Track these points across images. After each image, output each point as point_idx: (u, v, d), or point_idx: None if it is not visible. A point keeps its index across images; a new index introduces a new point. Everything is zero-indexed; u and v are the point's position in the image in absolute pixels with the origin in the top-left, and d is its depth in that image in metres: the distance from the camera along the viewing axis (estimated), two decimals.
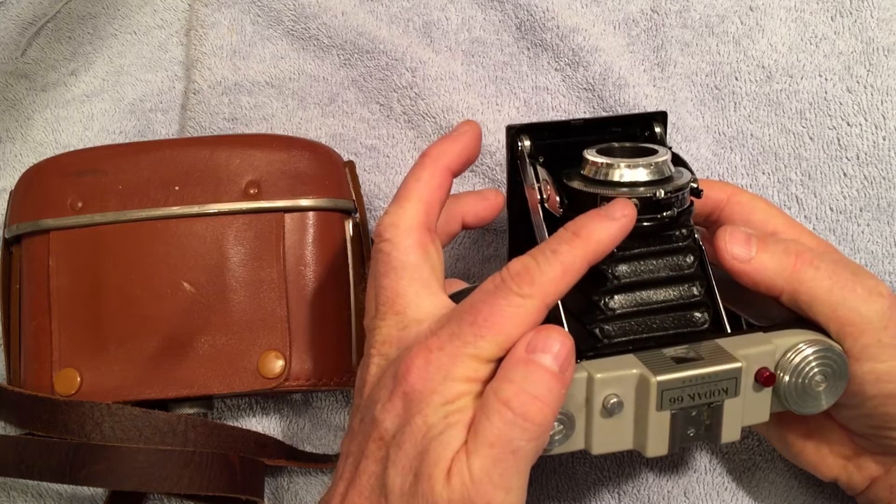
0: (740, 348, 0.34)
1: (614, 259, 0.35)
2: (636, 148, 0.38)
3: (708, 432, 0.34)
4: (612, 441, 0.34)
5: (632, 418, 0.34)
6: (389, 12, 0.55)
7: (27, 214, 0.47)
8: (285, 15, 0.55)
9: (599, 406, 0.33)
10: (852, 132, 0.49)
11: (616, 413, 0.33)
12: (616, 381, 0.33)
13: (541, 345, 0.31)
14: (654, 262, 0.36)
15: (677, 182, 0.36)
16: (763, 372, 0.34)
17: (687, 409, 0.33)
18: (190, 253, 0.46)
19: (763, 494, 0.45)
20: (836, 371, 0.35)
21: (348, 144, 0.53)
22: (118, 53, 0.58)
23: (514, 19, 0.54)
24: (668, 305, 0.36)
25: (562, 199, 0.37)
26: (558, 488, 0.46)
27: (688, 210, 0.37)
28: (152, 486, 0.42)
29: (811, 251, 0.36)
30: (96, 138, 0.55)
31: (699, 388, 0.33)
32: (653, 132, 0.41)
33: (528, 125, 0.39)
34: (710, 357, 0.34)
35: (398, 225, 0.35)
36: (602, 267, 0.35)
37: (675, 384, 0.33)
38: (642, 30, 0.53)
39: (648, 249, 0.36)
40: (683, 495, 0.45)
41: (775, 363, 0.35)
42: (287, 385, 0.45)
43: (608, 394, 0.33)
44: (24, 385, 0.45)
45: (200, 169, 0.47)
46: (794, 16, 0.52)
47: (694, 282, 0.37)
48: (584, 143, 0.39)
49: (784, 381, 0.35)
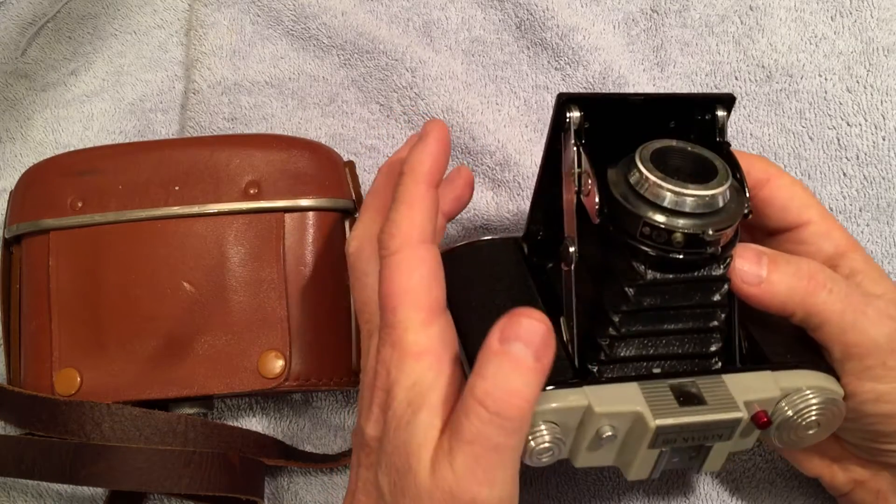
0: (745, 392, 0.33)
1: (637, 284, 0.33)
2: (696, 160, 0.34)
3: (691, 462, 0.34)
4: (595, 459, 0.34)
5: (620, 444, 0.33)
6: (389, 12, 0.55)
7: (27, 214, 0.47)
8: (285, 15, 0.55)
9: (592, 434, 0.32)
10: (852, 132, 0.49)
11: (609, 439, 0.32)
12: (615, 416, 0.32)
13: (512, 333, 0.29)
14: (682, 293, 0.33)
15: (729, 217, 0.32)
16: (761, 416, 0.33)
17: (678, 447, 0.33)
18: (190, 253, 0.46)
19: (763, 495, 0.45)
20: (832, 421, 0.34)
21: (348, 144, 0.53)
22: (118, 53, 0.58)
23: (514, 18, 0.54)
24: (683, 329, 0.34)
25: (602, 204, 0.33)
26: (558, 488, 0.46)
27: (732, 242, 0.34)
28: (152, 486, 0.42)
29: (824, 272, 0.35)
30: (96, 138, 0.55)
31: (695, 433, 0.32)
32: (714, 117, 0.36)
33: (582, 95, 0.34)
34: (713, 401, 0.32)
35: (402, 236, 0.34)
36: (624, 287, 0.33)
37: (673, 429, 0.32)
38: (642, 29, 0.53)
39: (678, 278, 0.33)
40: (683, 495, 0.45)
41: (775, 406, 0.34)
42: (287, 385, 0.45)
43: (604, 426, 0.32)
44: (24, 385, 0.45)
45: (200, 169, 0.47)
46: (794, 16, 0.52)
47: (716, 311, 0.34)
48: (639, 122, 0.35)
49: (778, 422, 0.34)
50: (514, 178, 0.51)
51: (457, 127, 0.52)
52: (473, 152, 0.51)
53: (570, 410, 0.32)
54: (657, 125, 0.35)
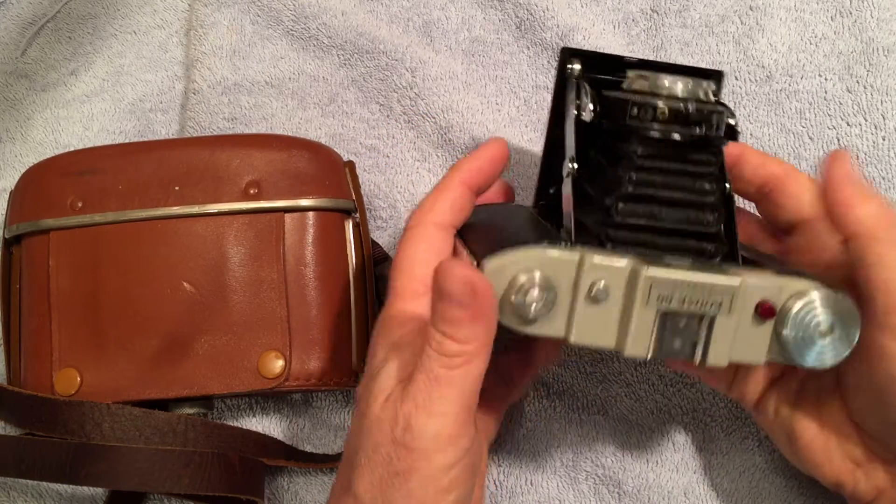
0: (745, 274, 0.33)
1: (633, 165, 0.35)
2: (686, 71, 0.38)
3: (694, 350, 0.33)
4: (592, 332, 0.33)
5: (618, 312, 0.33)
6: (389, 12, 0.55)
7: (27, 214, 0.47)
8: (285, 15, 0.55)
9: (586, 290, 0.32)
10: (852, 132, 0.49)
11: (602, 301, 0.32)
12: (607, 269, 0.32)
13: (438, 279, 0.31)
14: (673, 180, 0.35)
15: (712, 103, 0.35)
16: (764, 303, 0.33)
17: (675, 315, 0.32)
18: (190, 253, 0.46)
19: (763, 495, 0.45)
20: (844, 322, 0.34)
21: (348, 144, 0.53)
22: (118, 53, 0.58)
23: (514, 18, 0.54)
24: (678, 229, 0.35)
25: (595, 107, 0.37)
26: (558, 488, 0.46)
27: (719, 138, 0.36)
28: (152, 486, 0.42)
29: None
30: (96, 138, 0.55)
31: (691, 294, 0.32)
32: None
33: (582, 51, 0.39)
34: (709, 270, 0.33)
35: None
36: (619, 173, 0.35)
37: (667, 283, 0.32)
38: (642, 29, 0.53)
39: (670, 165, 0.35)
40: (683, 495, 0.45)
41: (781, 302, 0.33)
42: (287, 385, 0.45)
43: (596, 279, 0.32)
44: (24, 385, 0.45)
45: (200, 169, 0.47)
46: (794, 16, 0.52)
47: (712, 212, 0.36)
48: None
49: (786, 320, 0.33)
50: (513, 177, 0.51)
51: (457, 127, 0.52)
52: None
53: (561, 262, 0.32)
54: None
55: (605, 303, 0.32)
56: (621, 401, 0.47)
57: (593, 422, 0.47)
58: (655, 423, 0.47)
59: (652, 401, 0.47)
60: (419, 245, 0.36)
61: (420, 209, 0.37)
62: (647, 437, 0.46)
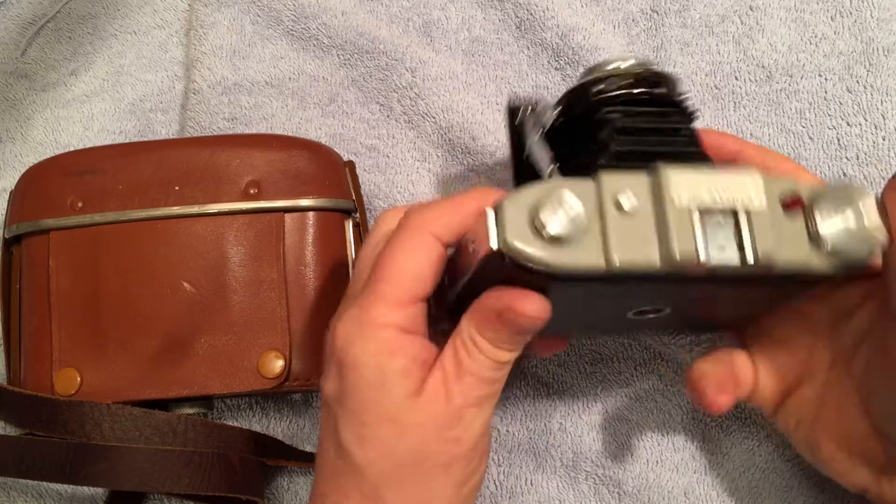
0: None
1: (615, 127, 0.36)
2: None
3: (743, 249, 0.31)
4: (633, 247, 0.30)
5: (653, 222, 0.31)
6: (389, 12, 0.55)
7: (27, 214, 0.47)
8: (285, 15, 0.55)
9: (612, 205, 0.30)
10: (852, 132, 0.49)
11: (633, 214, 0.30)
12: (627, 181, 0.31)
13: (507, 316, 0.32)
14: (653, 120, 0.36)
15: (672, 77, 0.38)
16: (789, 197, 0.32)
17: (710, 211, 0.31)
18: (190, 253, 0.46)
19: (763, 495, 0.45)
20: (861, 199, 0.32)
21: (348, 144, 0.53)
22: (118, 53, 0.58)
23: (514, 18, 0.54)
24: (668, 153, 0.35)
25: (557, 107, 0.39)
26: (558, 489, 0.46)
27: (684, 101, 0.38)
28: (152, 486, 0.42)
29: None
30: (96, 138, 0.55)
31: (718, 190, 0.31)
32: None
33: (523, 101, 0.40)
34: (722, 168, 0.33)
35: None
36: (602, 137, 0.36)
37: (690, 180, 0.31)
38: (642, 29, 0.53)
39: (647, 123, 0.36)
40: (683, 495, 0.45)
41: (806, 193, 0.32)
42: (287, 385, 0.45)
43: (620, 192, 0.30)
44: (24, 385, 0.45)
45: (200, 169, 0.47)
46: (794, 16, 0.52)
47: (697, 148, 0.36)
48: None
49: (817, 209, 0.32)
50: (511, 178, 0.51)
51: (457, 127, 0.52)
52: (473, 152, 0.51)
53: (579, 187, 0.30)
54: None
55: (637, 216, 0.31)
56: (621, 401, 0.47)
57: (593, 422, 0.47)
58: (655, 423, 0.47)
59: (652, 401, 0.47)
60: (415, 255, 0.33)
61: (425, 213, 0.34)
62: (647, 437, 0.46)
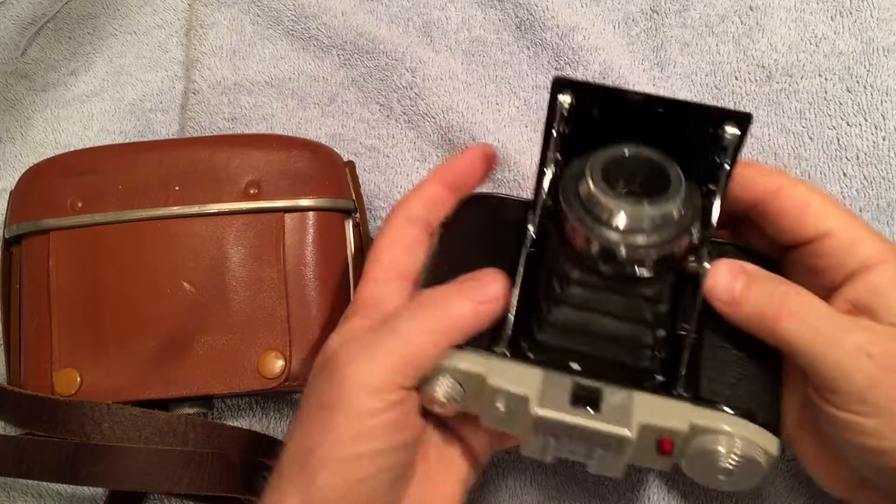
0: (649, 414, 0.32)
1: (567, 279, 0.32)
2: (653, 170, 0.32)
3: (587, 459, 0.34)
4: (497, 425, 0.35)
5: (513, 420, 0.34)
6: (389, 12, 0.55)
7: (27, 214, 0.47)
8: (285, 15, 0.55)
9: (488, 403, 0.34)
10: (852, 132, 0.49)
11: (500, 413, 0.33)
12: (504, 393, 0.33)
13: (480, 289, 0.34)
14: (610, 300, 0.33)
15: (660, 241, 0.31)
16: (664, 443, 0.32)
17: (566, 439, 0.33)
18: (190, 253, 0.46)
19: (763, 495, 0.45)
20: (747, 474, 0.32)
21: (348, 144, 0.53)
22: (118, 53, 0.58)
23: (514, 18, 0.54)
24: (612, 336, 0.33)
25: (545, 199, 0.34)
26: (558, 489, 0.46)
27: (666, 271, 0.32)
28: (152, 486, 0.42)
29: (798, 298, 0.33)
30: (96, 138, 0.55)
31: (581, 436, 0.32)
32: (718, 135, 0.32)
33: (577, 82, 0.32)
34: (607, 412, 0.32)
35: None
36: (554, 283, 0.33)
37: (556, 425, 0.32)
38: (642, 29, 0.53)
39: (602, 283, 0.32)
40: (682, 495, 0.45)
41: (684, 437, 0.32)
42: (287, 385, 0.45)
43: (496, 399, 0.33)
44: (24, 385, 0.45)
45: (200, 169, 0.47)
46: (794, 16, 0.52)
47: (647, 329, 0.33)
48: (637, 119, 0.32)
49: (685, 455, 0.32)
50: (514, 177, 0.51)
51: (457, 127, 0.52)
52: None
53: (466, 374, 0.33)
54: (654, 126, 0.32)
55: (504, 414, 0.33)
56: None
57: None
58: None
59: None
60: (387, 236, 0.37)
61: (396, 204, 0.39)
62: None
